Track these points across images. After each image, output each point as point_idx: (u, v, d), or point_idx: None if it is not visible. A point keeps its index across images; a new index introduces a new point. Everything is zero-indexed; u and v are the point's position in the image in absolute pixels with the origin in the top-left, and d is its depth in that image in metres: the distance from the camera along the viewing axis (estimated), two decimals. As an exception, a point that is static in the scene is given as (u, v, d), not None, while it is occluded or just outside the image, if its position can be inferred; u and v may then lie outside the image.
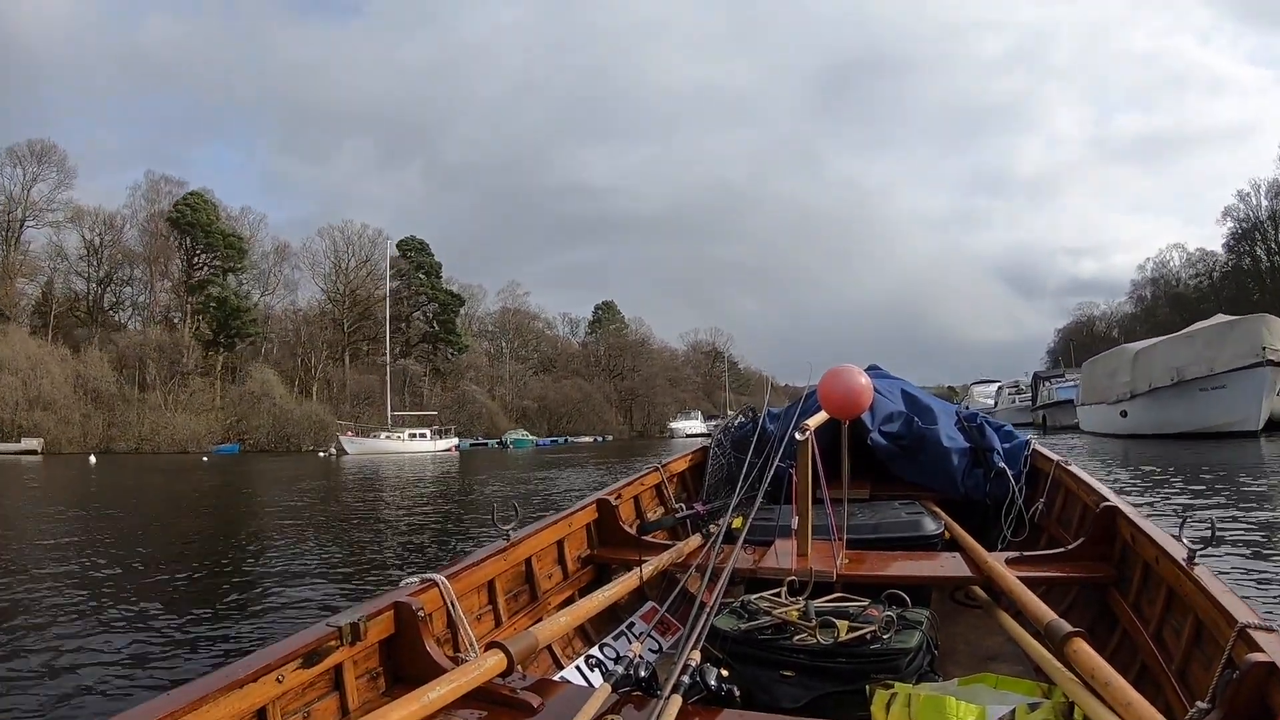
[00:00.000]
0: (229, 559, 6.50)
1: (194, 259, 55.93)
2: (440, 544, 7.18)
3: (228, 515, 10.97)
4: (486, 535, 6.07)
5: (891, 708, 1.57)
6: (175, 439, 45.81)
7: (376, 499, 12.76)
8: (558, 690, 1.64)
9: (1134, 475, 11.06)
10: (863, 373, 2.64)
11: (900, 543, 2.72)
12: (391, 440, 40.45)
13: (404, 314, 63.72)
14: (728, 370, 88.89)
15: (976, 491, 3.48)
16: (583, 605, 2.12)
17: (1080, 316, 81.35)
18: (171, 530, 8.89)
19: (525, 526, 2.53)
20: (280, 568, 5.89)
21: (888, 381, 4.25)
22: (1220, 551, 4.78)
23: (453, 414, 54.58)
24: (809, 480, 2.40)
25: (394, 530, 8.38)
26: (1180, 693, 1.61)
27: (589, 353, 77.90)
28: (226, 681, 1.33)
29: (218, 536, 8.27)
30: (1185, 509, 6.94)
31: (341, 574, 5.68)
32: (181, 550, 7.16)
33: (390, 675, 1.73)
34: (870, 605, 1.90)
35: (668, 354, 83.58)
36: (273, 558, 6.42)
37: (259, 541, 7.66)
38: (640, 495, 3.55)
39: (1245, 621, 1.39)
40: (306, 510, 10.87)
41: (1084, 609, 2.35)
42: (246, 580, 5.48)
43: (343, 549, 6.98)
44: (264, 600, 4.79)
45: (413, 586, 1.87)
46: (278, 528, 8.76)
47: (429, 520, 9.38)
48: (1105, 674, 1.40)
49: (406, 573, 1.98)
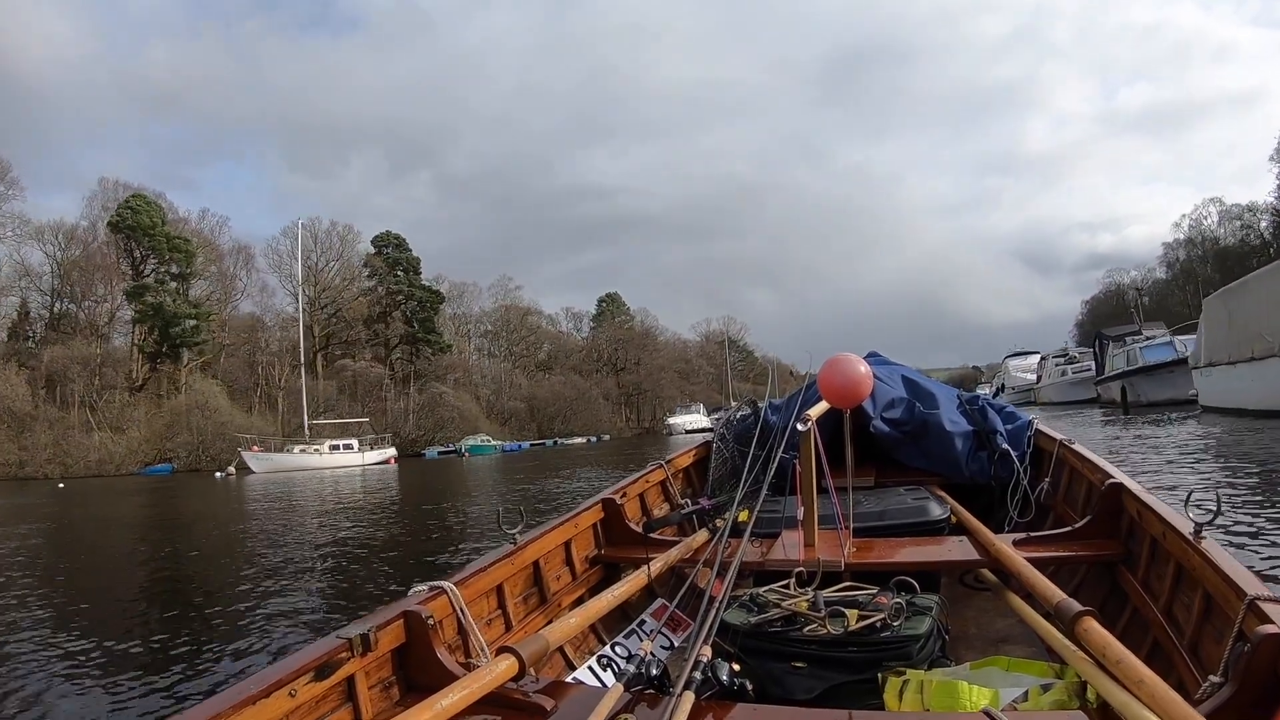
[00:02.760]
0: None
1: (140, 266, 50.74)
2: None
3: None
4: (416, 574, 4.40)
5: (904, 694, 1.57)
6: (89, 461, 40.60)
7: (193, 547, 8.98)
8: (571, 692, 1.64)
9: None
10: (862, 361, 2.64)
11: (907, 529, 2.71)
12: (308, 455, 34.52)
13: (380, 314, 59.36)
14: (733, 358, 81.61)
15: (981, 474, 3.48)
16: (592, 605, 2.12)
17: (1109, 285, 72.61)
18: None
19: (531, 529, 2.53)
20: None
21: (887, 368, 4.25)
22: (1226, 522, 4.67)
23: (420, 419, 51.08)
24: (813, 471, 2.40)
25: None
26: (1192, 667, 1.61)
27: (591, 347, 73.33)
28: (239, 698, 1.33)
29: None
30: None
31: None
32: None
33: (403, 684, 1.73)
34: (879, 593, 1.90)
35: (678, 346, 79.78)
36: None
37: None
38: (645, 493, 3.55)
39: (1255, 594, 1.39)
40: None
41: (1093, 588, 2.35)
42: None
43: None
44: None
45: (421, 595, 1.87)
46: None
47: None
48: (1117, 652, 1.40)
49: (413, 584, 1.94)
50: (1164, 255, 65.81)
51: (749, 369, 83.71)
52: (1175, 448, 10.21)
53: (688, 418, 55.71)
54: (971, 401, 3.85)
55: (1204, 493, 5.82)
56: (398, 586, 5.12)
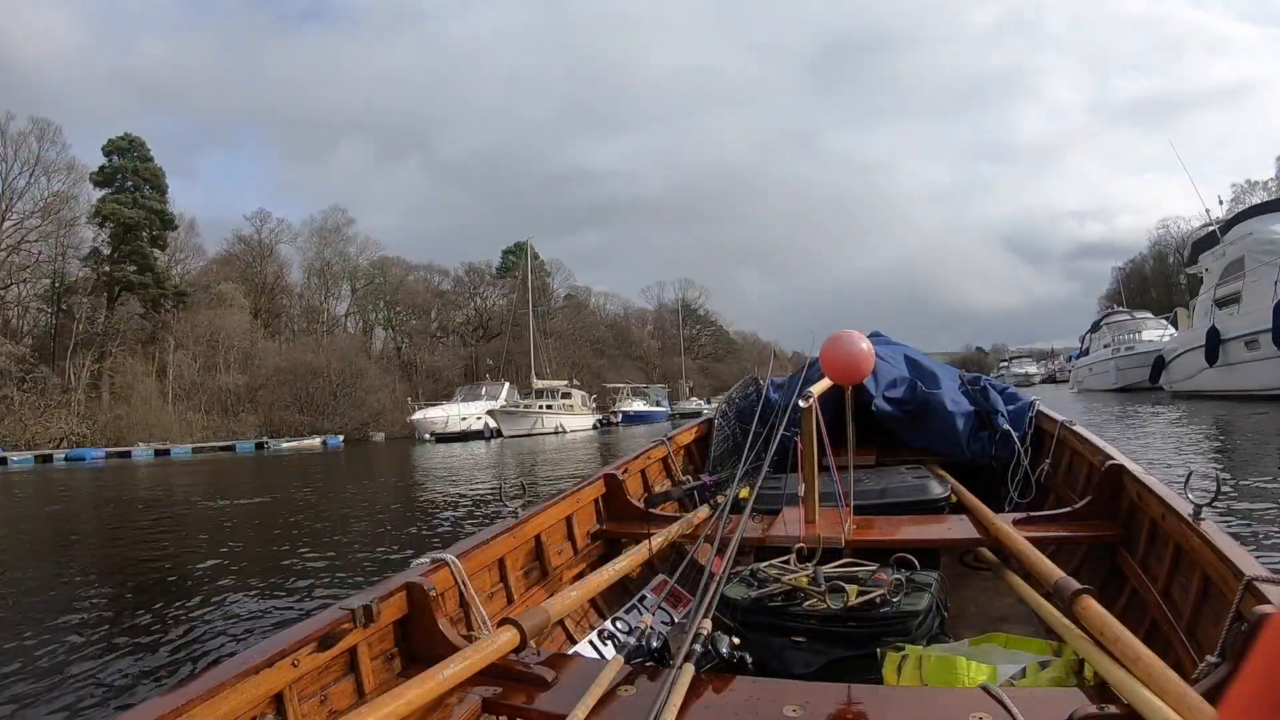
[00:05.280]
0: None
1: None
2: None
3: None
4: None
5: (903, 670, 1.58)
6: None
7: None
8: (571, 664, 1.65)
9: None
10: (864, 338, 2.63)
11: (907, 507, 2.72)
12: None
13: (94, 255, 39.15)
14: (695, 331, 67.53)
15: (982, 454, 3.49)
16: (593, 580, 2.13)
17: (1164, 242, 59.01)
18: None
19: (534, 504, 2.54)
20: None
21: (890, 347, 4.25)
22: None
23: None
24: (814, 448, 2.40)
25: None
26: (1190, 647, 1.62)
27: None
28: (242, 668, 1.34)
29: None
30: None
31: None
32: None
33: (405, 656, 1.74)
34: (879, 569, 1.91)
35: (616, 315, 64.44)
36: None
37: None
38: (647, 469, 3.56)
39: (1252, 574, 1.39)
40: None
41: (1092, 568, 2.36)
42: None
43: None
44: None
45: (424, 567, 1.88)
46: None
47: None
48: (1114, 630, 1.40)
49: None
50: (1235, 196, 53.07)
51: (719, 347, 72.02)
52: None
53: (439, 413, 32.60)
54: (973, 382, 3.86)
55: (1202, 478, 5.81)
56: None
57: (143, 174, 42.04)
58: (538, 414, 33.60)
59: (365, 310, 54.39)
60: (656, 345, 65.05)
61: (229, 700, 1.29)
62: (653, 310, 70.14)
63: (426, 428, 31.60)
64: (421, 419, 32.15)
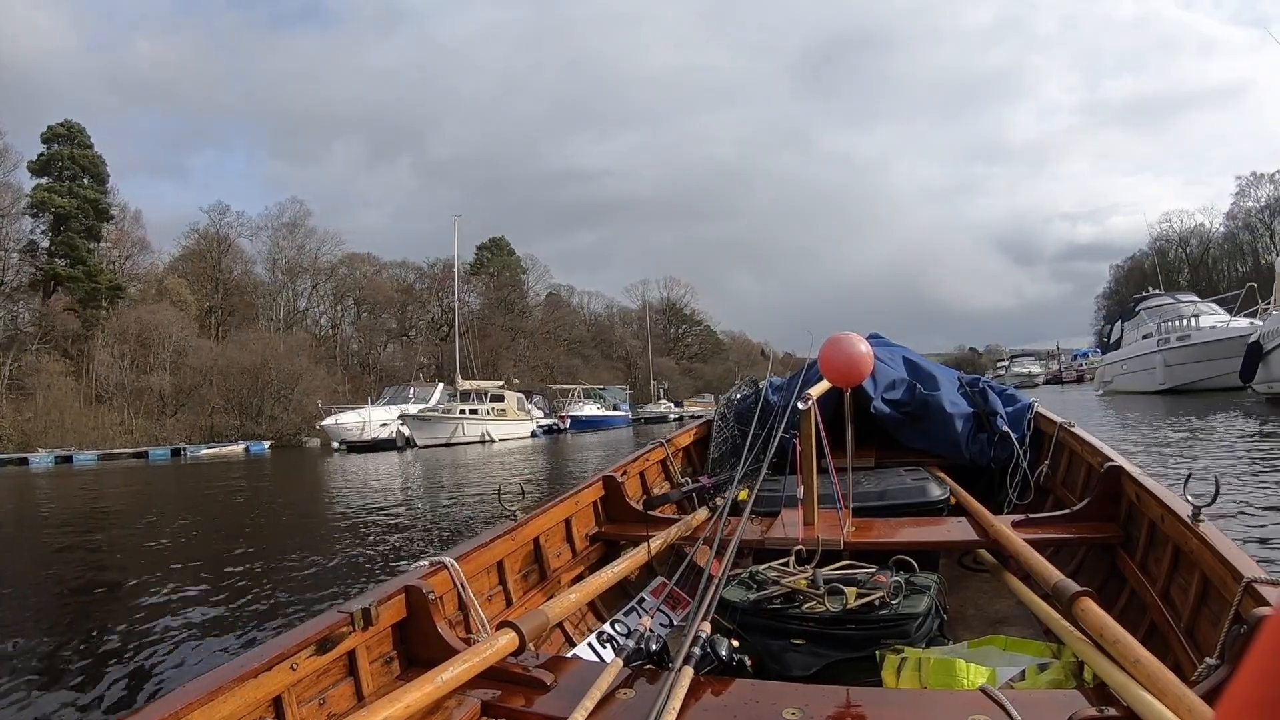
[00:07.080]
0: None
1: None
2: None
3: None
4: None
5: (902, 672, 1.58)
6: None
7: None
8: (570, 666, 1.65)
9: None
10: (863, 340, 2.63)
11: (906, 509, 2.72)
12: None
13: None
14: (680, 331, 66.12)
15: (981, 456, 3.49)
16: (592, 582, 2.13)
17: (1166, 237, 58.05)
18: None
19: (532, 506, 2.54)
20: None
21: (889, 349, 4.25)
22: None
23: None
24: (813, 450, 2.40)
25: None
26: (1189, 649, 1.62)
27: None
28: (240, 671, 1.34)
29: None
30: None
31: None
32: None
33: (404, 658, 1.74)
34: (878, 571, 1.91)
35: (596, 314, 63.39)
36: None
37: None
38: (646, 471, 3.56)
39: (1252, 576, 1.39)
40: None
41: (1092, 570, 2.36)
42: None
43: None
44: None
45: (422, 570, 1.88)
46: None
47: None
48: (1114, 632, 1.40)
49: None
50: (1238, 192, 55.15)
51: (706, 347, 70.02)
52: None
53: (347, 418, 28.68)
54: (972, 384, 3.86)
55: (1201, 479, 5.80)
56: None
57: (80, 162, 39.22)
58: (458, 420, 29.04)
59: (328, 306, 52.63)
60: (639, 345, 62.19)
61: (228, 704, 1.29)
62: (636, 309, 68.02)
63: (339, 434, 27.93)
64: (333, 425, 28.26)
